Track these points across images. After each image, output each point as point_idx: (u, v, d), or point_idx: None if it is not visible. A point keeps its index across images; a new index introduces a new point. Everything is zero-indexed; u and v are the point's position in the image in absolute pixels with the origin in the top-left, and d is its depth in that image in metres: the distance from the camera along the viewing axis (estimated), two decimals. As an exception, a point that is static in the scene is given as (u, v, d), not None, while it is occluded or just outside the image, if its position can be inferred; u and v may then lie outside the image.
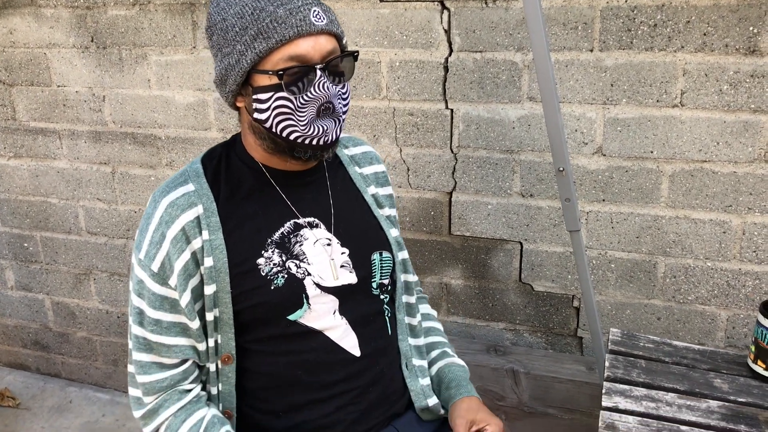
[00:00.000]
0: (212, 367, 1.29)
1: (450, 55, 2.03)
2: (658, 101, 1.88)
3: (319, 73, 1.16)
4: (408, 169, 2.18)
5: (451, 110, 2.08)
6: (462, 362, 1.51)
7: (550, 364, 2.09)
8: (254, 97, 1.19)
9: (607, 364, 1.52)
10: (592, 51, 1.90)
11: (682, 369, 1.51)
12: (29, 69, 2.54)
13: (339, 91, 1.21)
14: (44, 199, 2.71)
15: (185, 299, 1.22)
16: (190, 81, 2.33)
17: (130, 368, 1.30)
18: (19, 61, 2.54)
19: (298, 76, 1.16)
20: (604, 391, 1.42)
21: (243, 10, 1.15)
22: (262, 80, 1.18)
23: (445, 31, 2.01)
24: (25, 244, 2.82)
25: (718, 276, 1.97)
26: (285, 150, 1.24)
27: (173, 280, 1.22)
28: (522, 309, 2.21)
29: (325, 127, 1.21)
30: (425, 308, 1.60)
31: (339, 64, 1.21)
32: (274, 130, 1.20)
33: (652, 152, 1.93)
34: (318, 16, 1.16)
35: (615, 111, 1.92)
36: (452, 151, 2.12)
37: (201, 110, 2.36)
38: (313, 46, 1.16)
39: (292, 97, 1.16)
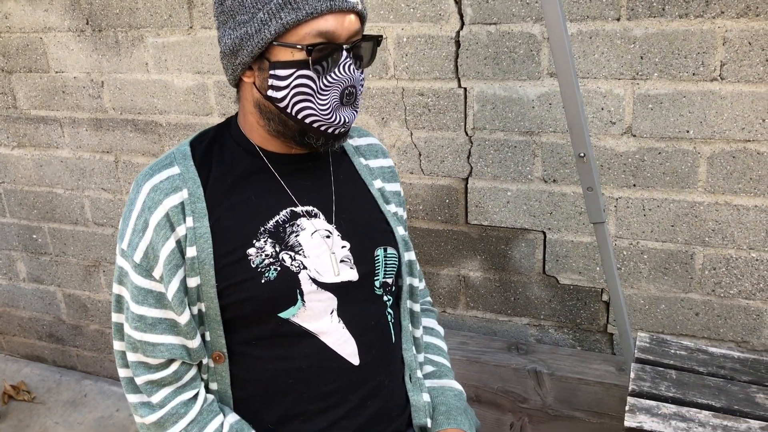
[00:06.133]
0: (204, 362, 1.18)
1: (462, 28, 1.85)
2: (694, 74, 1.68)
3: (344, 54, 1.07)
4: (420, 154, 2.02)
5: (465, 89, 1.90)
6: (459, 387, 1.36)
7: (576, 364, 1.93)
8: (272, 72, 1.08)
9: (632, 375, 1.36)
10: (618, 20, 1.70)
11: (718, 381, 1.33)
12: (26, 55, 2.43)
13: (360, 77, 1.12)
14: (50, 190, 2.63)
15: (172, 290, 1.11)
16: (188, 64, 2.20)
17: (122, 373, 1.20)
18: (16, 46, 2.44)
19: (325, 54, 1.06)
20: (627, 407, 1.26)
21: None
22: (284, 54, 1.07)
23: (456, 1, 1.83)
24: (34, 236, 2.75)
25: (765, 268, 1.77)
26: (294, 134, 1.13)
27: (158, 271, 1.11)
28: (547, 303, 2.04)
29: (346, 119, 1.12)
30: (430, 322, 1.44)
31: (361, 48, 1.12)
32: (289, 110, 1.09)
33: (688, 132, 1.73)
34: None
35: (646, 86, 1.73)
36: (467, 134, 1.94)
37: (201, 94, 2.22)
38: (342, 24, 1.06)
39: (315, 77, 1.07)
